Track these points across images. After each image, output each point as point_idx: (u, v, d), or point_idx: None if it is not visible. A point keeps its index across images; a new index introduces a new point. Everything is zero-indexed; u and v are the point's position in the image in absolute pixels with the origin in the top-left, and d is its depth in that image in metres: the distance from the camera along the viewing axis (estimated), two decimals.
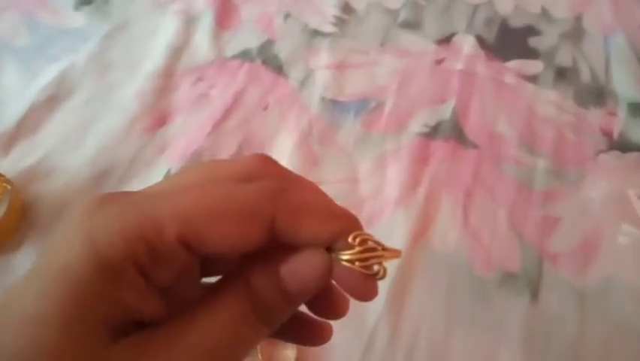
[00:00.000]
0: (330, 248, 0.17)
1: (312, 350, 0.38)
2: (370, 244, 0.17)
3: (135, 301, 0.16)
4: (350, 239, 0.17)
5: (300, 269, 0.17)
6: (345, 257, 0.17)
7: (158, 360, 0.15)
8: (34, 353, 0.14)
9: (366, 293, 0.18)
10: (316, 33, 0.61)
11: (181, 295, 0.17)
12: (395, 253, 0.18)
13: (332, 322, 0.21)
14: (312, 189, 0.20)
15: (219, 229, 0.16)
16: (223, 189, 0.17)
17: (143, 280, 0.16)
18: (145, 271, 0.16)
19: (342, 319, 0.21)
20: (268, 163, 0.19)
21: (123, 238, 0.15)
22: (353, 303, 0.20)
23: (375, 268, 0.17)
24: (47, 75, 0.54)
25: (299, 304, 0.18)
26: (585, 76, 0.58)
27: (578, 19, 0.65)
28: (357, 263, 0.17)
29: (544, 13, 0.65)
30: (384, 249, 0.18)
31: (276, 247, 0.17)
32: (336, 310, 0.20)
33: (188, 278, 0.18)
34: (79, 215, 0.16)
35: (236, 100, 0.53)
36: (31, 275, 0.16)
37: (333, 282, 0.18)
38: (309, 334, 0.21)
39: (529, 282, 0.42)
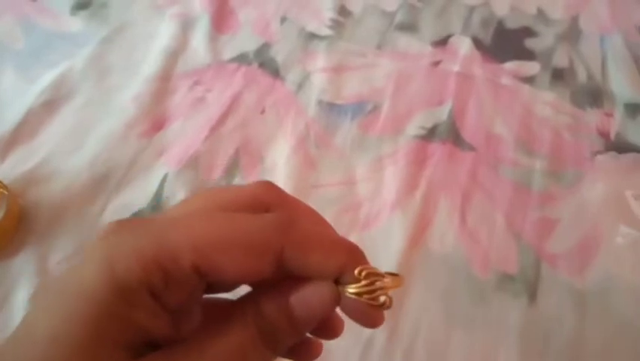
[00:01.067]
0: (336, 280, 0.18)
1: None
2: (375, 277, 0.18)
3: (147, 322, 0.16)
4: (356, 273, 0.18)
5: (309, 299, 0.18)
6: (352, 290, 0.18)
7: None
8: None
9: (374, 322, 0.19)
10: (313, 36, 0.61)
11: (184, 310, 0.18)
12: (398, 283, 0.19)
13: None
14: (317, 219, 0.21)
15: (231, 259, 0.17)
16: (235, 220, 0.18)
17: (155, 302, 0.16)
18: (157, 294, 0.16)
19: None
20: (274, 191, 0.21)
21: (139, 264, 0.16)
22: None
23: (382, 298, 0.19)
24: (45, 79, 0.54)
25: (305, 332, 0.19)
26: (582, 77, 0.58)
27: (575, 19, 0.65)
28: (364, 296, 0.18)
29: (541, 14, 0.65)
30: (385, 277, 0.19)
31: (285, 277, 0.18)
32: (331, 331, 0.22)
33: (193, 296, 0.19)
34: (97, 240, 0.17)
35: (233, 103, 0.53)
36: (50, 296, 0.16)
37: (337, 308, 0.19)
38: (300, 350, 0.22)
39: (527, 283, 0.42)
